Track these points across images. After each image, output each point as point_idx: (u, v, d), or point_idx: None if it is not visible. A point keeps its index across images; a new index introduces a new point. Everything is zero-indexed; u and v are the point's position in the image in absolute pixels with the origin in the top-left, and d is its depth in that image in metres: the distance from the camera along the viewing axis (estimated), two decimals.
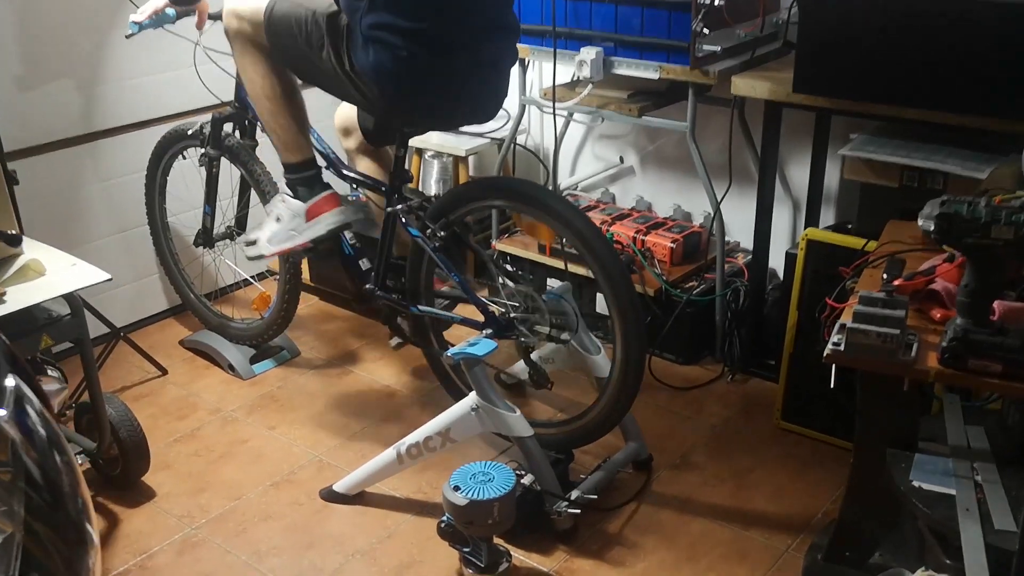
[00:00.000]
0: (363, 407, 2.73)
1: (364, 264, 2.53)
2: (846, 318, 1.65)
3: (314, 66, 2.22)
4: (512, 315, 2.26)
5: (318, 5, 2.17)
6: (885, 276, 1.78)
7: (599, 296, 3.00)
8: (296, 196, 2.41)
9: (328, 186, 2.43)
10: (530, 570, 2.11)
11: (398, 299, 2.47)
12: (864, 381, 1.77)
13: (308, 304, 3.21)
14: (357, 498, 2.33)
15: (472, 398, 2.17)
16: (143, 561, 2.16)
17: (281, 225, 2.41)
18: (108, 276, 2.01)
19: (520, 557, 2.14)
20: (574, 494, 2.18)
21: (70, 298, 2.01)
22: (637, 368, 2.18)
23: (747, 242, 3.05)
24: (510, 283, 2.30)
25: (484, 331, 2.26)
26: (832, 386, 1.68)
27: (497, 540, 2.10)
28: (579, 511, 2.15)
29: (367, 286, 2.50)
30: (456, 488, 1.99)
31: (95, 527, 1.20)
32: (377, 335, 3.09)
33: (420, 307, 2.44)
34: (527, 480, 2.15)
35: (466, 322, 2.36)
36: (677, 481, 2.39)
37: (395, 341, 2.69)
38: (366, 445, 2.54)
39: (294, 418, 2.68)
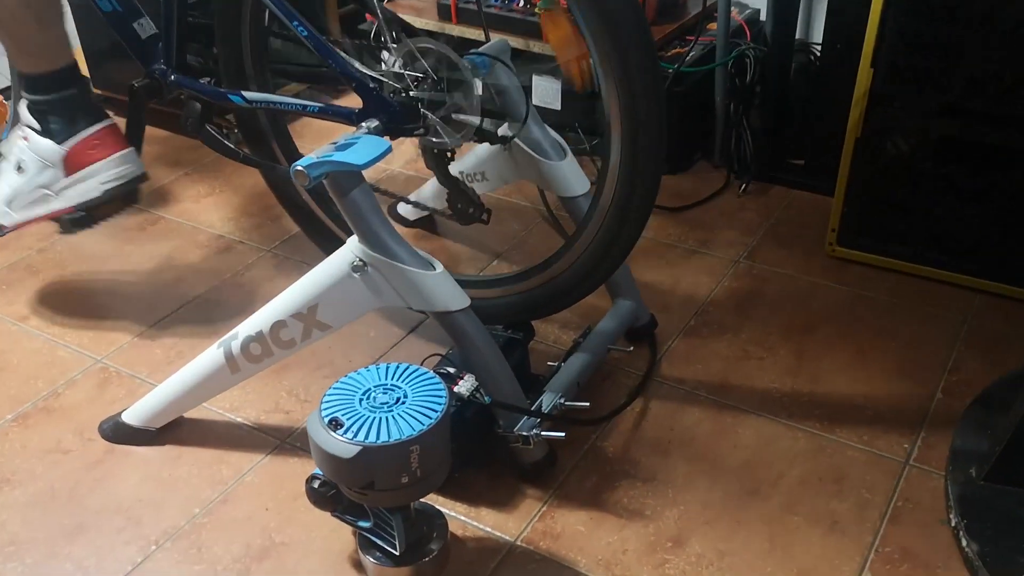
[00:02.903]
0: (179, 274, 1.71)
1: (142, 29, 1.44)
2: None
3: None
4: (413, 93, 1.24)
5: None
6: None
7: (537, 81, 1.99)
8: (46, 132, 1.46)
9: (103, 113, 1.47)
10: (482, 542, 1.19)
11: (210, 86, 1.42)
12: None
13: None
14: (165, 434, 1.35)
15: (352, 247, 1.18)
16: None
17: (25, 178, 1.49)
18: None
19: (463, 519, 1.21)
20: (546, 401, 1.25)
21: None
22: (650, 178, 1.21)
23: None
24: (406, 41, 1.26)
25: (364, 124, 1.23)
26: None
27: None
28: (562, 435, 1.22)
29: (155, 67, 1.43)
30: (334, 423, 1.02)
31: None
32: (201, 159, 2.03)
33: (247, 95, 1.38)
34: (464, 387, 1.20)
35: (331, 111, 1.32)
36: (699, 356, 1.48)
37: None
38: (183, 340, 1.54)
39: (62, 299, 1.64)
